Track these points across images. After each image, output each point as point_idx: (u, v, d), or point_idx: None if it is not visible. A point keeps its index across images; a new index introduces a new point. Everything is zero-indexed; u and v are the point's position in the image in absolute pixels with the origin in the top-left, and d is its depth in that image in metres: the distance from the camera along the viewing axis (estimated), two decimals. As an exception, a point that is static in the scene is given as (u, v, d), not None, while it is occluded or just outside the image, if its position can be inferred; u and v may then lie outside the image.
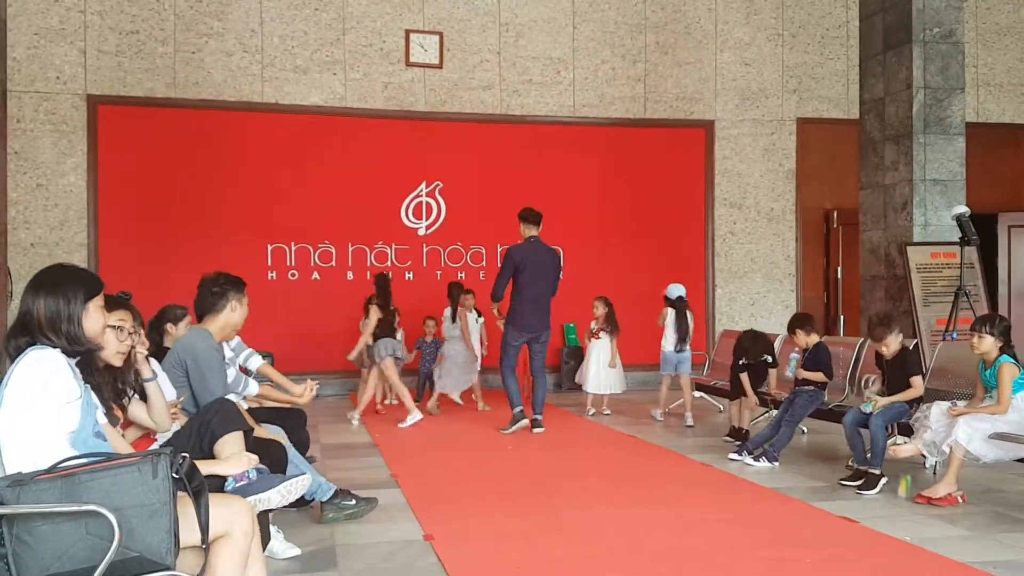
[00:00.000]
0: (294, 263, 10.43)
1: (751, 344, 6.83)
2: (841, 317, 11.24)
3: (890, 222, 8.36)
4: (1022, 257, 11.53)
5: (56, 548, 2.09)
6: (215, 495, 2.43)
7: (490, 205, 10.59)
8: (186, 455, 2.23)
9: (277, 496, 3.08)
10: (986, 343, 4.89)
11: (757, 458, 5.93)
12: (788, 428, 5.98)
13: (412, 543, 4.10)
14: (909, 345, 5.70)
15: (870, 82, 8.64)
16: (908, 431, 5.33)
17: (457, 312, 8.61)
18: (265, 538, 3.47)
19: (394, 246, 10.69)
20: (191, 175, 10.05)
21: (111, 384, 3.10)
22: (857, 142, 8.94)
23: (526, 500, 4.99)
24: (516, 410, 7.39)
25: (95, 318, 2.53)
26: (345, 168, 10.46)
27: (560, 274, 7.92)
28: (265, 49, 10.27)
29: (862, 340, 6.51)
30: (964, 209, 7.51)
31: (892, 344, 5.42)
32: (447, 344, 8.67)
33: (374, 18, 10.57)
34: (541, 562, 3.81)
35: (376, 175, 10.54)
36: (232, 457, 3.03)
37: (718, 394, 8.28)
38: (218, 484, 2.94)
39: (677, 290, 8.23)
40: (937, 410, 4.92)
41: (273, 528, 3.82)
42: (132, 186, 9.88)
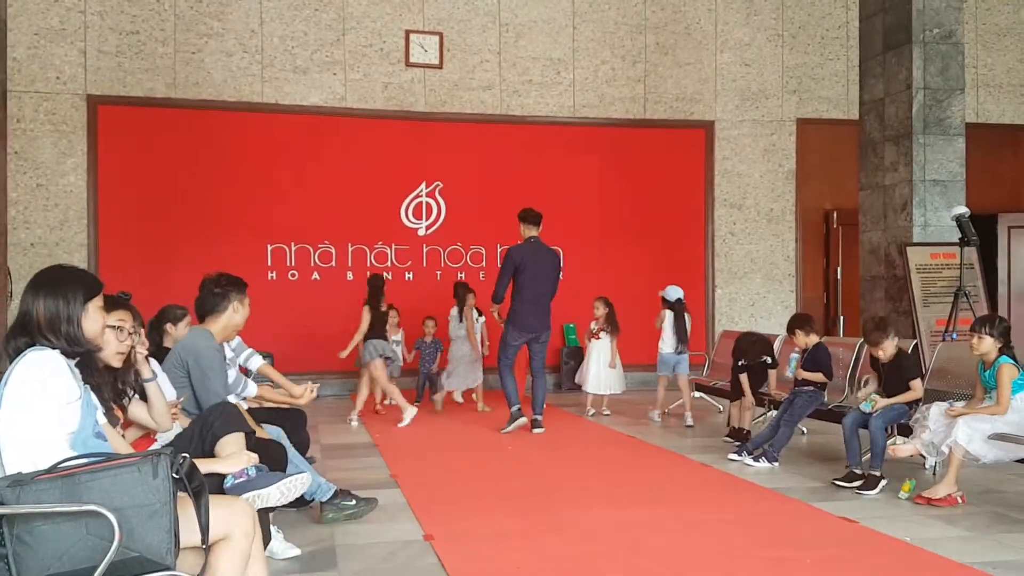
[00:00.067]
0: (294, 263, 10.43)
1: (750, 346, 6.85)
2: (841, 318, 11.25)
3: (890, 223, 8.36)
4: (1022, 258, 11.53)
5: (56, 548, 2.09)
6: (215, 496, 2.43)
7: (490, 205, 10.59)
8: (186, 455, 2.23)
9: (276, 493, 3.07)
10: (985, 344, 4.89)
11: (757, 458, 5.93)
12: (787, 428, 5.99)
13: (412, 543, 4.10)
14: (906, 348, 5.70)
15: (870, 83, 8.65)
16: (907, 431, 5.33)
17: (463, 312, 8.62)
18: (266, 537, 3.47)
19: (394, 246, 10.69)
20: (191, 175, 10.06)
21: (111, 384, 3.09)
22: (857, 143, 8.95)
23: (526, 500, 4.99)
24: (514, 408, 7.39)
25: (94, 319, 2.53)
26: (345, 168, 10.46)
27: (560, 275, 7.92)
28: (265, 49, 10.28)
29: (861, 341, 6.51)
30: (964, 210, 7.51)
31: (888, 348, 5.43)
32: (454, 344, 8.66)
33: (374, 18, 10.57)
34: (541, 562, 3.81)
35: (376, 175, 10.54)
36: (232, 455, 3.03)
37: (718, 395, 8.29)
38: (217, 483, 2.94)
39: (676, 292, 8.21)
40: (936, 410, 4.93)
41: (273, 528, 3.82)
42: (132, 186, 9.88)
